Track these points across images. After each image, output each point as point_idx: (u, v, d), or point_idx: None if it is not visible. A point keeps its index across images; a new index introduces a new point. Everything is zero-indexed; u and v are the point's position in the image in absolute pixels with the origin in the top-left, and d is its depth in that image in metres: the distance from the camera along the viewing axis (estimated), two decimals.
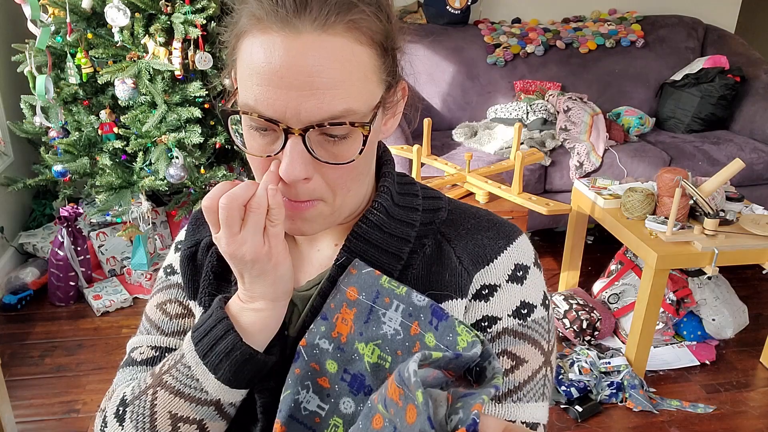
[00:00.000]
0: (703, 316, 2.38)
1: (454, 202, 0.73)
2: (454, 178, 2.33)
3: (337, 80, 0.54)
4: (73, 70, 2.36)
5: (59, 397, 2.09)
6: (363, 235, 0.65)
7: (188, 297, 0.74)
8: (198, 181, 2.53)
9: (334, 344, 0.60)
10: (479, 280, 0.66)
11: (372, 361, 0.59)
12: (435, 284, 0.65)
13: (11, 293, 2.59)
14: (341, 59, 0.54)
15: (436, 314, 0.59)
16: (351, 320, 0.60)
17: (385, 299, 0.60)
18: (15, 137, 2.81)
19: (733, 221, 2.14)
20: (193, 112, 2.41)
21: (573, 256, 2.61)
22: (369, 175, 0.67)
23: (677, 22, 3.51)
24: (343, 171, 0.59)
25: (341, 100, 0.55)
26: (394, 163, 0.72)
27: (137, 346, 0.74)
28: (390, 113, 0.64)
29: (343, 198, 0.62)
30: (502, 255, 0.66)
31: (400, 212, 0.68)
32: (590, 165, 2.82)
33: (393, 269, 0.65)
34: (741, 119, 3.22)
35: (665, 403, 2.09)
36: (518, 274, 0.66)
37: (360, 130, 0.57)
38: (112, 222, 2.76)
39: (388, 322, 0.59)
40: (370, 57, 0.57)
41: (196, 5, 2.40)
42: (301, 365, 0.59)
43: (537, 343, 0.66)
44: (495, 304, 0.66)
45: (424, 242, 0.67)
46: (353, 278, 0.62)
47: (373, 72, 0.58)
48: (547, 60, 3.36)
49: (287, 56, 0.53)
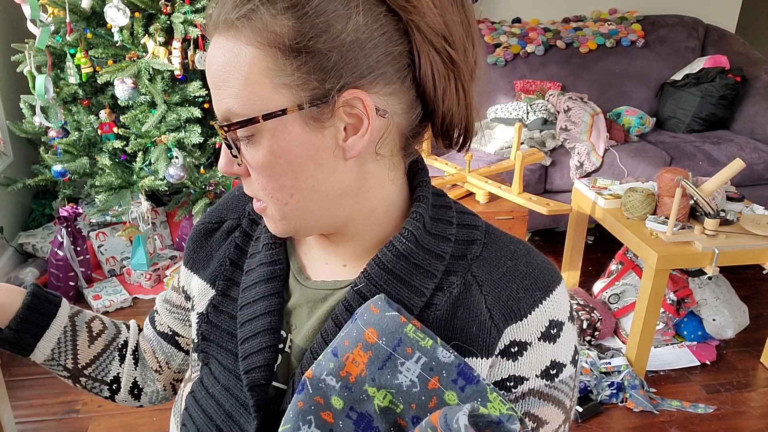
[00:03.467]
0: (703, 317, 2.38)
1: (492, 232, 0.66)
2: (454, 178, 2.33)
3: (220, 80, 0.55)
4: (72, 70, 2.36)
5: (59, 397, 2.08)
6: (387, 264, 0.60)
7: (186, 264, 0.76)
8: (198, 181, 2.53)
9: (342, 383, 0.56)
10: (509, 335, 0.60)
11: (383, 405, 0.55)
12: (459, 332, 0.60)
13: None
14: (224, 60, 0.55)
15: (463, 375, 0.54)
16: (364, 364, 0.55)
17: (407, 349, 0.55)
18: (15, 137, 2.80)
19: (733, 221, 2.14)
20: (192, 111, 2.41)
21: (573, 256, 2.60)
22: (331, 197, 0.59)
23: (678, 21, 3.51)
24: (258, 175, 0.58)
25: (223, 101, 0.56)
26: (429, 183, 0.65)
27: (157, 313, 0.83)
28: (350, 129, 0.56)
29: (281, 208, 0.59)
30: (536, 310, 0.60)
31: (430, 241, 0.62)
32: (590, 165, 2.82)
33: (413, 305, 0.60)
34: (741, 119, 3.22)
35: (665, 404, 2.08)
36: (552, 332, 0.60)
37: (233, 133, 0.56)
38: (112, 222, 2.76)
39: (405, 372, 0.55)
40: (260, 58, 0.53)
41: (196, 5, 2.40)
42: (305, 398, 0.56)
43: (561, 403, 0.62)
44: (524, 363, 0.60)
45: (452, 280, 0.61)
46: (374, 318, 0.56)
47: (264, 75, 0.53)
48: (548, 60, 3.35)
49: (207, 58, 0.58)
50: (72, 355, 0.77)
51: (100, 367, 0.79)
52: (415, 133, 0.61)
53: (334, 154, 0.56)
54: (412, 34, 0.54)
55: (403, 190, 0.65)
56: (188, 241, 0.77)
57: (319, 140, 0.56)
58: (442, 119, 0.59)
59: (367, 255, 0.63)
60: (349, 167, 0.58)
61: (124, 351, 0.82)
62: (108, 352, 0.80)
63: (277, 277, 0.67)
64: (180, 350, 0.80)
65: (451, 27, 0.55)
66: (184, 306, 0.79)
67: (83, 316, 0.80)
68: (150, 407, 2.09)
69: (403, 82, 0.56)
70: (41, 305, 0.76)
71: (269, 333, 0.64)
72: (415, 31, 0.54)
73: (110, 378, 0.80)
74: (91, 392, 0.81)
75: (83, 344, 0.78)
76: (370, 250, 0.64)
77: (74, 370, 0.78)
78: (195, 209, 2.54)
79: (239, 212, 0.75)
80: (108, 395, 0.81)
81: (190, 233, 0.77)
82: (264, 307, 0.66)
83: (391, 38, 0.54)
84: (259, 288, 0.67)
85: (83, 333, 0.79)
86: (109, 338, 0.81)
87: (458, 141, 0.62)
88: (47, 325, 0.76)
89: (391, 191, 0.63)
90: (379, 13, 0.53)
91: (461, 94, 0.58)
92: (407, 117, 0.59)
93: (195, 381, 0.70)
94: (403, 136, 0.61)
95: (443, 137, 0.62)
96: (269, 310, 0.65)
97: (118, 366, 0.81)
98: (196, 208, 2.54)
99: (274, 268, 0.67)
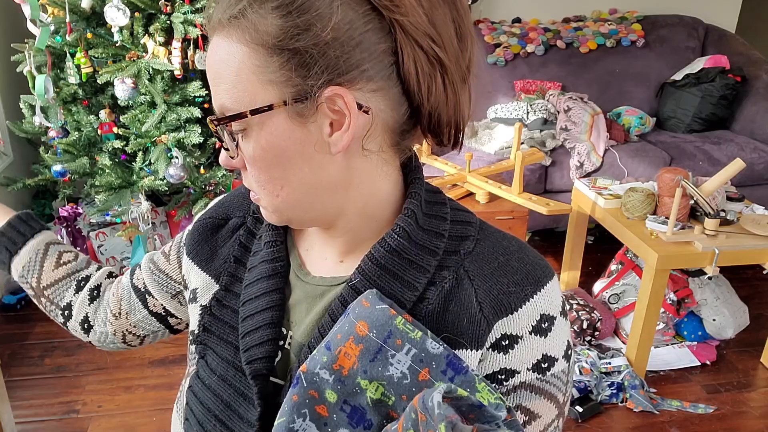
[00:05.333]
0: (703, 317, 2.38)
1: (486, 229, 0.67)
2: (454, 178, 2.33)
3: (216, 77, 0.58)
4: (72, 70, 2.36)
5: (59, 397, 2.08)
6: (380, 259, 0.62)
7: (188, 254, 0.78)
8: (198, 181, 2.53)
9: (335, 376, 0.57)
10: (500, 329, 0.60)
11: (375, 397, 0.56)
12: (450, 325, 0.61)
13: (11, 293, 2.58)
14: (218, 58, 0.58)
15: (452, 365, 0.55)
16: (355, 356, 0.57)
17: (397, 341, 0.56)
18: (14, 137, 2.80)
19: (733, 221, 2.14)
20: (192, 111, 2.41)
21: (573, 256, 2.60)
22: (320, 191, 0.61)
23: (678, 21, 3.51)
24: (252, 169, 0.61)
25: (218, 97, 0.59)
26: (423, 181, 0.66)
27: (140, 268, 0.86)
28: (335, 125, 0.57)
29: (272, 200, 0.62)
30: (527, 304, 0.61)
31: (423, 237, 0.63)
32: (591, 165, 2.82)
33: (406, 300, 0.61)
34: (741, 119, 3.22)
35: (666, 404, 2.08)
36: (543, 326, 0.61)
37: (228, 127, 0.59)
38: (112, 222, 2.75)
39: (396, 364, 0.56)
40: (248, 56, 0.55)
41: (196, 5, 2.40)
42: (300, 392, 0.57)
43: (553, 397, 0.62)
44: (515, 356, 0.61)
45: (444, 275, 0.62)
46: (365, 312, 0.58)
47: (252, 72, 0.55)
48: (548, 60, 3.35)
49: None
50: (37, 275, 0.86)
51: (57, 291, 0.87)
52: (404, 130, 0.62)
53: (320, 149, 0.58)
54: (395, 33, 0.55)
55: (397, 187, 0.66)
56: (193, 232, 0.78)
57: (305, 135, 0.58)
58: (429, 117, 0.60)
59: (363, 250, 0.64)
60: (336, 162, 0.59)
61: (83, 284, 0.88)
62: (67, 280, 0.88)
63: (278, 273, 0.69)
64: (145, 308, 0.84)
65: (440, 26, 0.56)
66: (169, 275, 0.81)
67: (60, 246, 0.89)
68: (150, 408, 2.09)
69: (389, 80, 0.57)
70: (21, 226, 0.87)
71: (270, 327, 0.66)
72: (399, 29, 0.55)
73: (63, 304, 0.87)
74: (49, 315, 0.90)
75: (48, 267, 0.87)
76: (367, 245, 0.65)
77: (37, 289, 0.87)
78: (195, 209, 2.54)
79: (244, 210, 0.77)
80: (62, 321, 0.89)
81: (195, 224, 0.79)
82: (265, 303, 0.67)
83: (374, 36, 0.55)
84: (261, 284, 0.68)
85: (52, 258, 0.87)
86: (72, 269, 0.88)
87: (449, 139, 0.64)
88: (23, 243, 0.86)
89: (384, 187, 0.64)
90: (362, 12, 0.54)
91: (449, 92, 0.59)
92: (394, 114, 0.59)
93: (192, 375, 0.71)
94: (391, 133, 0.61)
95: (433, 135, 0.63)
96: (270, 305, 0.67)
97: (72, 295, 0.87)
98: (196, 208, 2.54)
99: (276, 264, 0.69)
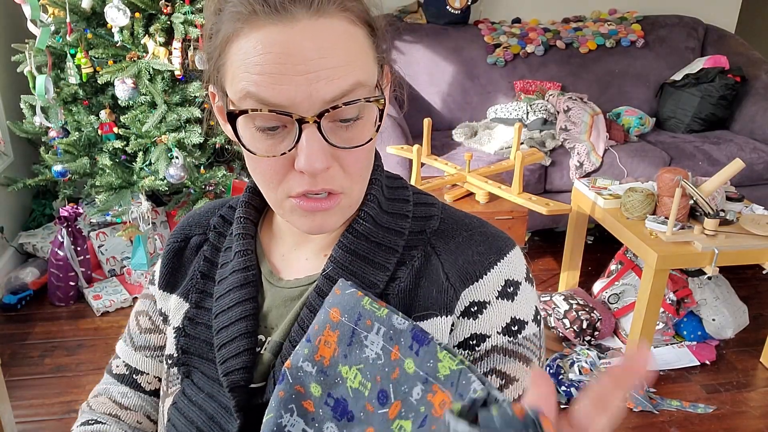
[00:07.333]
0: (703, 316, 2.38)
1: (449, 209, 0.70)
2: (454, 178, 2.33)
3: (341, 59, 0.54)
4: (72, 70, 2.36)
5: (59, 397, 2.08)
6: (349, 246, 0.63)
7: (161, 287, 0.76)
8: (198, 181, 2.54)
9: (317, 367, 0.58)
10: (467, 296, 0.63)
11: (353, 387, 0.57)
12: (422, 299, 0.63)
13: (11, 293, 2.59)
14: (341, 40, 0.54)
15: (416, 338, 0.55)
16: (334, 342, 0.58)
17: (367, 321, 0.57)
18: (15, 137, 2.80)
19: (733, 221, 2.14)
20: (192, 112, 2.41)
21: (573, 256, 2.61)
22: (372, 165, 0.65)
23: (677, 22, 3.51)
24: (361, 155, 0.58)
25: (349, 75, 0.54)
26: (383, 168, 0.69)
27: (118, 356, 0.81)
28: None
29: (361, 187, 0.62)
30: (492, 271, 0.63)
31: (388, 219, 0.65)
32: (590, 165, 2.82)
33: (379, 281, 0.63)
34: (741, 119, 3.22)
35: (665, 403, 2.09)
36: (509, 290, 0.63)
37: (375, 104, 0.57)
38: (112, 222, 2.76)
39: (371, 345, 0.57)
40: (365, 36, 0.57)
41: (196, 5, 2.40)
42: (286, 388, 0.58)
43: (528, 360, 0.63)
44: (484, 321, 0.63)
45: (413, 254, 0.65)
46: (337, 299, 0.59)
47: (370, 49, 0.58)
48: (547, 60, 3.36)
49: (289, 45, 0.52)
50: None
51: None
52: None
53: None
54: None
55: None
56: (161, 266, 0.77)
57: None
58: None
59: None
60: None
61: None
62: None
63: (250, 282, 0.68)
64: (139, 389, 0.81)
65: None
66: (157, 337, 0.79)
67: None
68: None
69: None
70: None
71: (246, 337, 0.65)
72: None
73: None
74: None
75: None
76: (336, 238, 0.67)
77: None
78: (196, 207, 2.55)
79: (204, 227, 0.76)
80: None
81: (161, 258, 0.77)
82: (239, 313, 0.66)
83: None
84: (234, 294, 0.67)
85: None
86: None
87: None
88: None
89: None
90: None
91: None
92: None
93: (177, 393, 0.70)
94: None
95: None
96: (245, 315, 0.66)
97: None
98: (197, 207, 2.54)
99: (247, 274, 0.68)
